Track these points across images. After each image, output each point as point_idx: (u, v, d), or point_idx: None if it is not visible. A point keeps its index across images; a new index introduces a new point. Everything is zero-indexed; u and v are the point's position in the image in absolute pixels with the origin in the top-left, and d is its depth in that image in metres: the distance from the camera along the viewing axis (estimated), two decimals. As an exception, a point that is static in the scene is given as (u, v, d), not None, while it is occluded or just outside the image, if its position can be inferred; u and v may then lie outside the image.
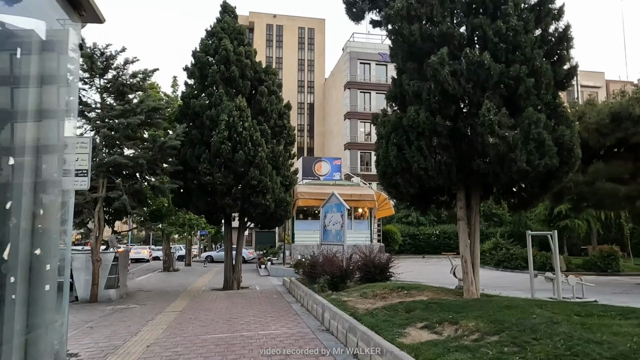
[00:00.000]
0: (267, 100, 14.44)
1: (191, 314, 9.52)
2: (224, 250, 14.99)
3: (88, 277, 11.98)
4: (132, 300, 12.24)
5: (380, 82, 49.61)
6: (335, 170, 24.71)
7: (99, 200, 11.92)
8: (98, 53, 12.01)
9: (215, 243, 53.91)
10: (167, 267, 24.58)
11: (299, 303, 10.75)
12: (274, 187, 13.59)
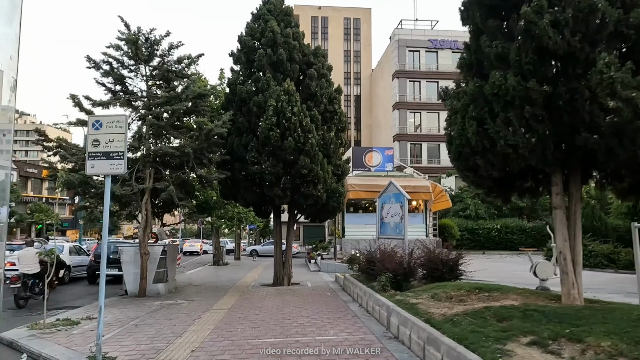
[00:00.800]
0: (316, 84, 13.47)
1: (240, 312, 8.77)
2: (274, 244, 14.27)
3: (137, 270, 11.63)
4: (181, 295, 11.76)
5: (430, 69, 47.37)
6: (387, 160, 23.40)
7: (147, 192, 11.49)
8: (143, 39, 11.56)
9: (263, 237, 54.16)
10: (216, 260, 24.44)
11: (356, 303, 9.72)
12: (325, 177, 12.62)
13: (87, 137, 5.61)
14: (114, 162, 5.56)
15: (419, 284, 9.21)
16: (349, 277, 11.80)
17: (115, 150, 5.59)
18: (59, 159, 11.48)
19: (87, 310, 9.29)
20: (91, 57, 11.64)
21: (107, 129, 5.63)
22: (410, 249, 10.57)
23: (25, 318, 9.02)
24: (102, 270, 5.67)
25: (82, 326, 7.52)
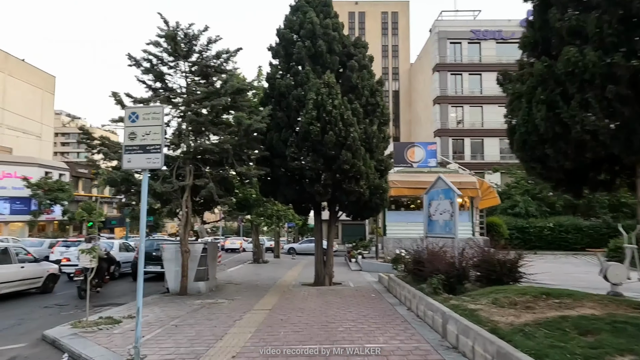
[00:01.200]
0: (357, 76, 12.90)
1: (282, 314, 8.38)
2: (315, 242, 13.86)
3: (178, 268, 11.55)
4: (221, 294, 11.56)
5: (472, 61, 45.48)
6: (430, 156, 22.44)
7: (187, 189, 11.36)
8: (181, 34, 11.42)
9: (301, 235, 54.11)
10: (256, 258, 24.39)
11: (404, 306, 9.10)
12: (367, 172, 12.04)
13: (124, 130, 5.36)
14: (150, 156, 5.27)
15: (473, 287, 8.46)
16: (395, 277, 11.18)
17: (151, 144, 5.30)
18: (102, 157, 11.57)
19: (129, 308, 9.21)
20: (132, 55, 11.64)
21: (143, 121, 5.35)
22: (461, 249, 9.81)
23: (70, 315, 9.07)
24: (140, 271, 5.41)
25: (123, 325, 7.37)
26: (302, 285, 13.50)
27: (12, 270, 11.28)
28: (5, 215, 45.60)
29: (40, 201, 45.44)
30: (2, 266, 10.97)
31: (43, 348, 6.48)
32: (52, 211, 47.57)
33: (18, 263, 11.57)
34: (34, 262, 12.32)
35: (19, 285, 11.56)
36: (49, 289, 12.73)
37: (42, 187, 45.13)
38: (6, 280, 11.02)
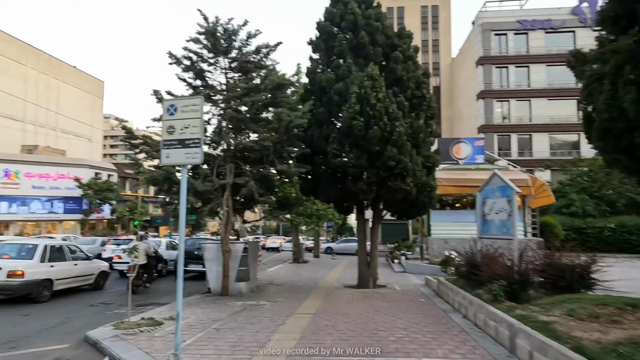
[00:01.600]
0: (402, 68, 12.24)
1: (327, 319, 7.90)
2: (358, 242, 13.31)
3: (219, 268, 11.35)
4: (263, 295, 11.26)
5: (519, 53, 43.22)
6: (477, 152, 21.27)
7: (227, 187, 11.14)
8: (221, 30, 11.21)
9: (340, 235, 53.61)
10: (296, 258, 24.13)
11: (458, 313, 8.38)
12: (414, 169, 11.35)
13: (162, 123, 5.06)
14: (189, 151, 4.94)
15: (537, 295, 7.63)
16: (445, 281, 10.44)
17: (190, 138, 4.96)
18: (145, 156, 11.56)
19: (171, 308, 9.04)
20: (173, 53, 11.55)
21: (182, 114, 5.03)
22: (520, 251, 8.94)
23: (114, 314, 9.03)
24: (180, 273, 5.08)
25: (164, 328, 7.15)
26: (345, 287, 12.99)
27: (66, 267, 11.58)
28: (59, 214, 48.06)
29: (90, 201, 47.59)
30: (57, 263, 11.25)
31: (85, 350, 6.34)
32: (101, 210, 49.72)
33: (72, 260, 11.85)
34: (86, 260, 12.60)
35: (72, 282, 11.86)
36: (100, 285, 13.02)
37: (92, 187, 47.23)
38: (61, 277, 11.31)
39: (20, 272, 10.12)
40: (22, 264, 10.35)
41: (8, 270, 10.05)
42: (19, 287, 10.08)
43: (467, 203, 22.48)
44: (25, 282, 10.15)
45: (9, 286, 10.00)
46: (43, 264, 10.78)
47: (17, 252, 11.04)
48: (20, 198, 45.44)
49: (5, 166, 44.99)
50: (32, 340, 6.87)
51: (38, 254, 10.80)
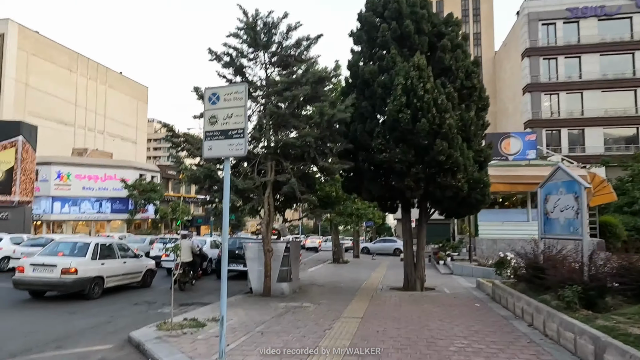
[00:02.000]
0: (450, 57, 11.48)
1: (377, 324, 7.38)
2: (403, 243, 12.67)
3: (261, 268, 11.08)
4: (305, 296, 10.88)
5: (569, 43, 40.73)
6: (529, 147, 19.96)
7: (268, 185, 10.85)
8: (261, 23, 10.92)
9: (379, 234, 52.69)
10: (336, 258, 23.68)
11: (521, 321, 7.62)
12: (465, 164, 10.59)
13: (204, 113, 4.74)
14: (233, 142, 4.58)
15: (615, 302, 6.77)
16: (502, 285, 9.63)
17: (234, 128, 4.61)
18: (186, 153, 11.47)
19: (213, 309, 8.82)
20: (212, 50, 11.40)
21: (224, 103, 4.69)
22: (589, 253, 8.04)
23: (157, 314, 8.91)
24: (223, 276, 4.74)
25: (207, 330, 6.88)
26: (390, 289, 12.39)
27: (116, 265, 11.77)
28: (107, 214, 50.08)
29: (136, 201, 49.27)
30: (108, 261, 11.46)
31: (128, 351, 6.16)
32: (146, 210, 51.37)
33: (121, 258, 12.05)
34: (134, 258, 12.75)
35: (121, 279, 12.04)
36: (147, 283, 13.20)
37: (137, 188, 48.87)
38: (111, 274, 11.50)
39: (73, 270, 10.30)
40: (75, 261, 10.51)
41: (62, 268, 10.27)
42: (72, 284, 10.29)
43: (517, 201, 21.21)
44: (78, 279, 10.33)
45: (63, 283, 10.22)
46: (94, 261, 10.98)
47: (70, 250, 11.28)
48: (72, 199, 47.67)
49: (58, 168, 47.34)
50: (77, 339, 6.79)
51: (90, 251, 10.99)
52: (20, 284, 10.37)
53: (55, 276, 10.20)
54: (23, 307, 9.71)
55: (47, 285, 10.38)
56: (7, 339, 6.66)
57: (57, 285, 10.30)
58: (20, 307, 9.69)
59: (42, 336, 6.88)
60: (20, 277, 10.37)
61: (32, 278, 10.30)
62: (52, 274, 10.22)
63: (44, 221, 45.82)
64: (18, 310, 9.33)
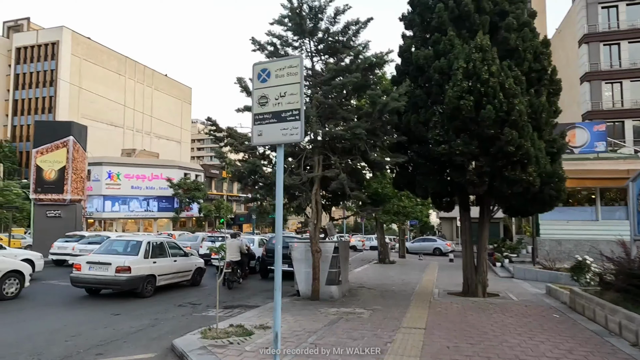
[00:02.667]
0: (516, 37, 10.27)
1: (444, 337, 6.46)
2: (462, 243, 11.58)
3: (308, 269, 10.40)
4: (356, 301, 10.08)
5: (634, 26, 37.31)
6: (597, 139, 18.11)
7: (316, 181, 10.14)
8: (307, 8, 10.21)
9: (422, 233, 51.05)
10: (382, 258, 22.70)
11: (619, 338, 6.44)
12: (537, 156, 9.40)
13: (252, 93, 4.05)
14: (287, 126, 3.87)
15: None
16: (585, 293, 8.39)
17: (288, 109, 3.90)
18: (230, 149, 10.99)
19: (260, 314, 8.22)
20: (256, 39, 10.82)
21: (276, 80, 3.99)
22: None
23: (202, 317, 8.42)
24: (277, 284, 4.05)
25: (255, 340, 6.24)
26: (448, 294, 11.35)
27: (167, 263, 11.71)
28: (154, 212, 51.57)
29: (181, 199, 50.41)
30: (159, 259, 11.40)
31: (171, 362, 5.62)
32: (190, 209, 52.47)
33: (172, 257, 11.99)
34: (184, 256, 12.65)
35: (172, 278, 11.96)
36: (197, 282, 13.11)
37: (182, 186, 49.95)
38: (163, 272, 11.43)
39: (127, 268, 10.33)
40: (129, 260, 10.55)
41: (117, 266, 10.30)
42: (126, 282, 10.30)
43: (583, 198, 19.37)
44: (131, 277, 10.35)
45: (117, 281, 10.25)
46: (147, 260, 10.96)
47: (123, 248, 11.38)
48: (121, 197, 49.45)
49: (109, 168, 49.22)
50: (119, 345, 6.35)
51: (142, 250, 10.98)
52: (77, 281, 10.50)
53: (110, 274, 10.26)
54: (71, 306, 9.55)
55: (102, 283, 10.45)
56: (49, 344, 6.33)
57: (111, 283, 10.36)
58: (69, 306, 9.54)
59: (83, 341, 6.51)
60: (77, 274, 10.51)
61: (88, 276, 10.41)
62: (107, 272, 10.30)
63: (95, 219, 47.77)
64: (65, 309, 9.16)
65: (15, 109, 59.86)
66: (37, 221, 20.95)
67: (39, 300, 9.99)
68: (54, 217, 20.77)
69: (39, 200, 20.97)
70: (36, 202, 21.21)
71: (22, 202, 36.44)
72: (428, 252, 32.58)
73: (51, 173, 20.89)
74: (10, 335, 6.74)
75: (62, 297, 10.52)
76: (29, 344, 6.27)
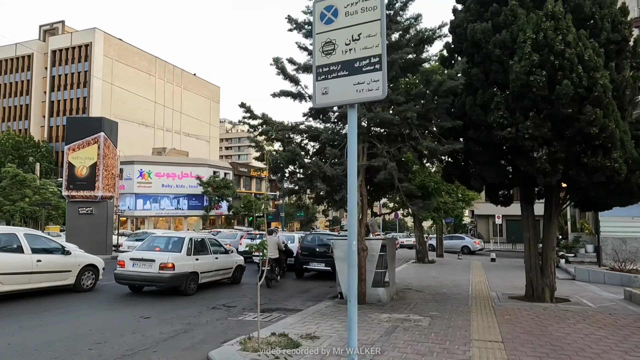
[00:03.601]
0: (592, 3, 8.90)
1: (533, 354, 5.32)
2: (525, 241, 10.24)
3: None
4: (408, 305, 9.00)
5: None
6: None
7: (361, 172, 9.10)
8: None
9: (455, 231, 49.17)
10: (421, 257, 21.43)
11: None
12: (622, 139, 8.05)
13: (314, 39, 3.07)
14: (363, 78, 2.88)
15: None
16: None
17: (364, 56, 2.90)
18: (264, 138, 10.10)
19: (303, 320, 7.27)
20: (292, 17, 9.88)
21: (347, 19, 3.00)
22: None
23: (238, 322, 7.55)
24: (352, 295, 3.09)
25: (303, 353, 5.28)
26: (509, 298, 10.08)
27: (209, 260, 11.35)
28: (184, 210, 51.78)
29: (210, 197, 50.37)
30: (201, 256, 11.05)
31: (207, 381, 4.72)
32: (220, 207, 52.40)
33: (213, 254, 11.62)
34: (224, 254, 12.26)
35: (214, 275, 11.58)
36: (237, 279, 12.70)
37: (212, 184, 49.89)
38: (205, 270, 11.06)
39: (170, 265, 10.04)
40: (173, 257, 10.25)
41: (160, 263, 10.01)
42: (170, 280, 10.00)
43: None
44: (175, 274, 10.05)
45: (161, 278, 9.97)
46: (189, 257, 10.64)
47: (165, 245, 11.08)
48: (153, 196, 49.84)
49: (140, 167, 49.70)
50: (148, 355, 5.53)
51: (185, 247, 10.66)
52: (121, 278, 10.30)
53: (154, 271, 10.01)
54: (99, 307, 8.91)
55: (146, 281, 10.17)
56: (71, 353, 5.58)
57: (155, 281, 10.08)
58: (97, 307, 8.90)
59: (108, 350, 5.72)
60: (121, 271, 10.32)
61: (132, 273, 10.21)
62: (151, 269, 10.06)
63: (128, 217, 48.31)
64: (93, 311, 8.50)
65: (51, 110, 61.51)
66: (70, 218, 20.81)
67: (73, 300, 9.40)
68: (86, 214, 20.56)
69: (71, 197, 20.81)
70: (69, 199, 21.08)
71: (57, 200, 37.02)
72: (456, 250, 31.33)
73: (83, 170, 20.68)
74: (31, 341, 6.05)
75: (98, 296, 10.09)
76: (49, 352, 5.53)
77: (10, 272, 8.93)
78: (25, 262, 9.23)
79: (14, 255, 9.12)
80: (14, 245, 9.25)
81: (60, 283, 10.06)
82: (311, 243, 15.09)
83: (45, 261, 9.67)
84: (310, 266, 14.56)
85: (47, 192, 38.98)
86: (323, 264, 14.33)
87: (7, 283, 8.87)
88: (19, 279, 9.11)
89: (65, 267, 10.16)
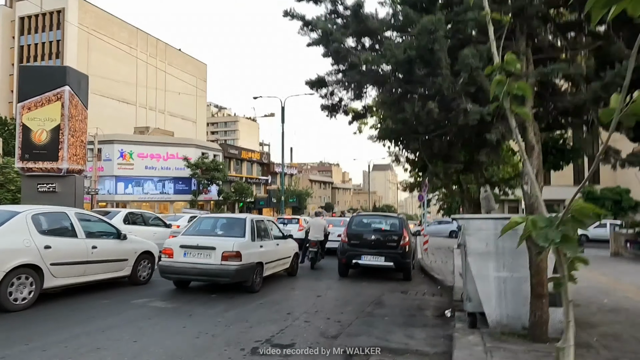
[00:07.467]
0: None
1: None
2: None
3: (502, 273, 5.14)
4: (613, 342, 4.79)
5: None
6: None
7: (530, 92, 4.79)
8: None
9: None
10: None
11: None
12: None
13: None
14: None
15: None
16: None
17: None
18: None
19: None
20: None
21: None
22: None
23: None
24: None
25: None
26: None
27: (272, 248, 9.03)
28: (170, 194, 46.96)
29: (199, 181, 45.61)
30: (265, 242, 8.70)
31: None
32: (209, 191, 47.70)
33: (274, 240, 9.35)
34: (282, 239, 9.90)
35: (275, 266, 9.18)
36: (294, 271, 10.48)
37: (200, 166, 45.12)
38: (269, 259, 8.67)
39: (236, 253, 7.69)
40: (238, 243, 7.86)
41: (223, 251, 7.62)
42: (237, 273, 7.62)
43: None
44: (242, 266, 7.69)
45: (226, 271, 7.56)
46: (254, 242, 8.34)
47: (222, 229, 8.85)
48: (135, 178, 44.89)
49: (121, 147, 44.59)
50: None
51: (248, 229, 8.30)
52: (169, 271, 7.93)
53: (215, 262, 7.62)
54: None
55: (204, 275, 7.81)
56: None
57: (217, 275, 7.66)
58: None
59: None
60: (169, 263, 7.91)
61: (184, 264, 7.78)
62: (211, 260, 7.65)
63: (107, 202, 43.28)
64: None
65: (19, 84, 55.50)
66: (26, 197, 15.93)
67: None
68: (47, 191, 15.76)
69: (27, 169, 15.93)
70: (24, 172, 16.18)
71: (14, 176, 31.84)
72: (444, 235, 28.38)
73: (42, 134, 15.80)
74: None
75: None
76: None
77: (64, 262, 6.91)
78: (80, 250, 7.24)
79: (69, 241, 7.10)
80: (67, 228, 7.23)
81: (116, 275, 8.18)
82: (363, 228, 10.81)
83: (101, 248, 7.71)
84: (363, 261, 10.24)
85: (11, 171, 33.82)
86: (382, 257, 10.08)
87: (60, 276, 6.84)
88: (73, 270, 7.12)
89: (122, 255, 8.28)
